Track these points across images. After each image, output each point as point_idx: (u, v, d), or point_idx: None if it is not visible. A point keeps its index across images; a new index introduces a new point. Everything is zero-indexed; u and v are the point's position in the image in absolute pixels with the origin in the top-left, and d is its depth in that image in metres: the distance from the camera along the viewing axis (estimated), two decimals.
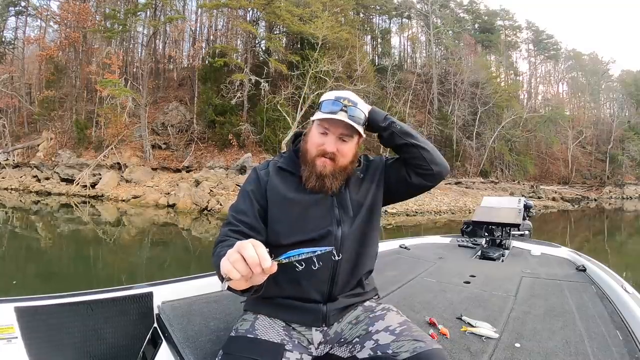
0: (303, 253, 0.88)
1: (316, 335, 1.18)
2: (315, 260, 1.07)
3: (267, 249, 0.87)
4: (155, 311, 1.62)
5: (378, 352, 1.06)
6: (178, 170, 20.91)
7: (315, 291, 1.17)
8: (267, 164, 1.29)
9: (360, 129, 1.19)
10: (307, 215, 1.18)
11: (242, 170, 18.87)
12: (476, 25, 42.49)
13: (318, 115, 1.19)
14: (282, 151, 1.39)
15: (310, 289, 1.17)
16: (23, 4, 28.08)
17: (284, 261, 0.88)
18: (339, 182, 1.21)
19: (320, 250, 0.89)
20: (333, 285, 1.18)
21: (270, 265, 0.83)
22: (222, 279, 0.88)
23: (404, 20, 40.05)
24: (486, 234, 3.83)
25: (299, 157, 1.25)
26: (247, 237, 1.07)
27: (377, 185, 1.30)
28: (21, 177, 22.04)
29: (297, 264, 1.04)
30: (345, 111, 1.16)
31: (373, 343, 1.09)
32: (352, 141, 1.21)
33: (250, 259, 0.82)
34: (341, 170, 1.21)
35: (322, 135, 1.19)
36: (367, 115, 1.23)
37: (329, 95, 1.22)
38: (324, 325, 1.18)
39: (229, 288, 0.91)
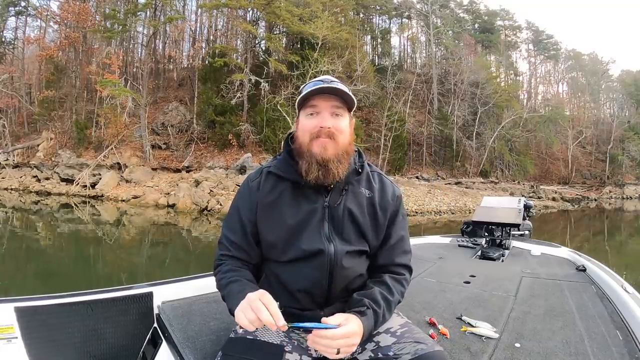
0: (313, 327, 0.97)
1: None
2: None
3: (278, 304, 0.96)
4: (155, 311, 1.62)
5: (379, 354, 1.05)
6: (178, 171, 20.92)
7: (312, 303, 1.15)
8: (260, 171, 1.22)
9: (352, 101, 1.12)
10: (299, 230, 1.12)
11: (242, 170, 18.87)
12: (476, 25, 42.45)
13: (301, 97, 1.12)
14: (277, 153, 1.28)
15: (307, 301, 1.15)
16: (23, 4, 28.06)
17: (294, 327, 0.99)
18: (344, 168, 1.12)
19: (329, 327, 0.96)
20: (329, 296, 1.15)
21: (283, 324, 0.93)
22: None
23: (403, 20, 40.03)
24: (486, 234, 3.83)
25: (293, 157, 1.16)
26: (240, 261, 1.18)
27: (379, 225, 1.20)
28: (21, 177, 22.05)
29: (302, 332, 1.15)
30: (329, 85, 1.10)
31: (374, 345, 1.08)
32: (345, 118, 1.13)
33: (266, 321, 0.92)
34: (344, 152, 1.12)
35: (312, 117, 1.11)
36: (350, 94, 1.13)
37: (307, 82, 1.17)
38: None
39: None
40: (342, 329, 0.96)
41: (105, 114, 21.73)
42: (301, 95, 1.12)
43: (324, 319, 0.99)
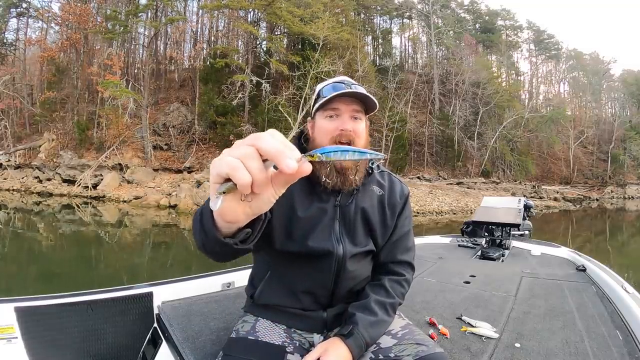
0: (349, 152, 0.55)
1: (317, 338, 1.16)
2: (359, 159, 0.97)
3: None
4: (155, 311, 1.62)
5: (380, 355, 1.05)
6: (179, 171, 20.93)
7: (315, 303, 1.15)
8: None
9: (373, 104, 1.10)
10: (308, 226, 1.10)
11: None
12: (477, 25, 42.47)
13: (321, 100, 1.10)
14: None
15: (310, 302, 1.15)
16: (24, 5, 28.17)
17: (322, 158, 0.53)
18: (362, 174, 1.13)
19: (369, 155, 0.58)
20: (333, 298, 1.15)
21: (299, 157, 0.49)
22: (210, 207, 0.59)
23: (404, 20, 40.05)
24: (486, 234, 3.83)
25: None
26: None
27: (387, 224, 1.20)
28: (23, 178, 22.07)
29: (331, 163, 1.02)
30: (350, 89, 1.08)
31: (375, 346, 1.08)
32: (363, 122, 1.12)
33: (272, 148, 0.47)
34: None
35: (331, 119, 1.09)
36: (372, 97, 1.12)
37: (326, 83, 1.15)
38: (325, 331, 1.17)
39: (210, 231, 0.65)
40: None
41: (107, 115, 21.74)
42: (324, 98, 1.10)
43: None
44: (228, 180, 0.49)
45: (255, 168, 0.48)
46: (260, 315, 1.18)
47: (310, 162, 0.51)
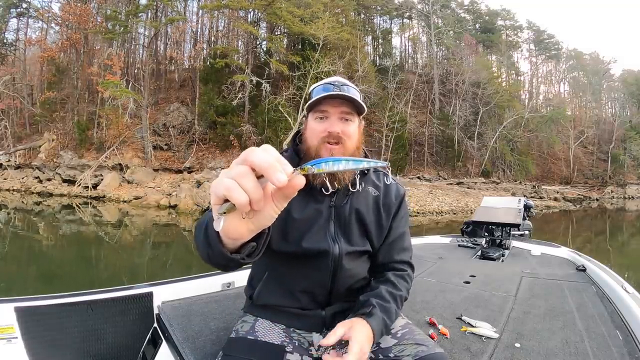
0: (341, 162, 0.55)
1: (317, 337, 1.16)
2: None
3: None
4: (155, 311, 1.62)
5: (380, 355, 1.05)
6: (179, 171, 20.94)
7: (313, 302, 1.15)
8: None
9: (361, 106, 1.11)
10: (304, 227, 1.11)
11: None
12: (477, 25, 42.45)
13: (310, 101, 1.11)
14: (284, 149, 1.23)
15: (309, 301, 1.15)
16: (24, 5, 28.16)
17: (313, 170, 0.54)
18: (351, 172, 1.11)
19: (367, 163, 0.59)
20: (331, 296, 1.16)
21: (292, 171, 0.51)
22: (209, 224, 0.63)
23: (404, 20, 40.03)
24: (486, 234, 3.83)
25: (300, 157, 1.16)
26: None
27: (382, 225, 1.20)
28: (23, 178, 22.07)
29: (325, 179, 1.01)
30: (339, 90, 1.08)
31: (375, 346, 1.08)
32: (355, 123, 1.12)
33: (264, 163, 0.49)
34: (351, 157, 1.11)
35: (320, 121, 1.10)
36: (361, 96, 1.13)
37: (318, 84, 1.15)
38: (324, 330, 1.17)
39: (215, 247, 0.66)
40: (355, 347, 0.93)
41: (107, 115, 21.75)
42: (311, 99, 1.11)
43: (322, 342, 0.97)
44: (227, 200, 0.51)
45: (250, 187, 0.49)
46: (260, 315, 1.19)
47: (298, 169, 0.52)
